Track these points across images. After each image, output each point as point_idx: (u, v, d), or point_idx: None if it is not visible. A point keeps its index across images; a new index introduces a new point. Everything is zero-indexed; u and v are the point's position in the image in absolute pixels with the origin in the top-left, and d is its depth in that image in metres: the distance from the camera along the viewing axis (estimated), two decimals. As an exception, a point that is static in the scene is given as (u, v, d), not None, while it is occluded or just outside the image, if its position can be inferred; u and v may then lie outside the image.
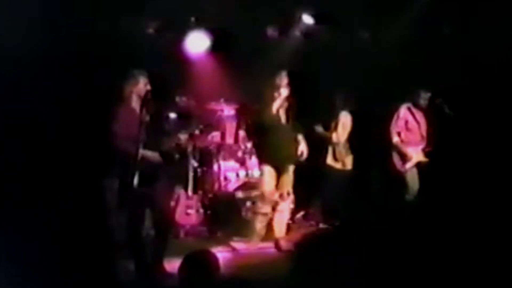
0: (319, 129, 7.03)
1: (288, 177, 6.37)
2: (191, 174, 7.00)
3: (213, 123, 7.48)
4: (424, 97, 6.88)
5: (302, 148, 6.35)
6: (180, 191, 6.94)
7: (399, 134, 6.97)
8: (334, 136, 7.15)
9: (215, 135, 7.48)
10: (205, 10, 7.13)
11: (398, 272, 2.98)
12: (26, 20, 6.12)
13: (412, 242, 3.30)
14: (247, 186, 7.29)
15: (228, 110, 7.44)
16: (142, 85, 5.47)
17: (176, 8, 7.18)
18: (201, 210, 6.94)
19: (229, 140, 7.45)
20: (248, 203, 7.14)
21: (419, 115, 6.98)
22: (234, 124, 7.48)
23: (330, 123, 7.18)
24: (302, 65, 7.11)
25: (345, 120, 7.17)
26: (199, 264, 3.16)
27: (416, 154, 6.90)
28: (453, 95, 6.85)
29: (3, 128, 6.05)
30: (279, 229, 6.44)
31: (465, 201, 6.68)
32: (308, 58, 7.33)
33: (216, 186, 7.29)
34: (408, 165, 6.91)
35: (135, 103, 5.46)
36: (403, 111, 6.98)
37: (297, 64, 6.96)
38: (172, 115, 6.92)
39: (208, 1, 7.10)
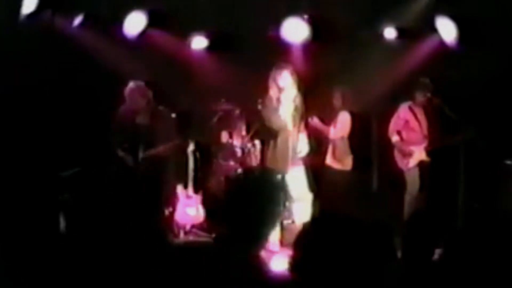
0: (315, 120, 7.01)
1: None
2: (191, 174, 7.01)
3: (227, 121, 7.49)
4: (424, 97, 6.87)
5: (302, 146, 6.41)
6: (180, 190, 6.95)
7: (399, 133, 6.97)
8: (331, 132, 7.14)
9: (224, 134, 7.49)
10: (205, 10, 7.15)
11: (396, 273, 2.98)
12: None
13: (412, 243, 3.29)
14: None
15: (237, 110, 7.45)
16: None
17: (176, 8, 7.22)
18: (201, 210, 6.94)
19: (237, 140, 7.45)
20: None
21: (420, 114, 6.97)
22: (242, 124, 7.49)
23: (329, 121, 7.19)
24: (302, 64, 7.12)
25: (343, 119, 7.16)
26: None
27: (418, 153, 6.90)
28: (453, 95, 6.85)
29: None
30: None
31: (465, 200, 6.71)
32: (308, 57, 7.33)
33: (217, 185, 7.29)
34: (410, 164, 6.91)
35: None
36: (403, 110, 6.98)
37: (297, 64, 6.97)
38: (172, 115, 6.94)
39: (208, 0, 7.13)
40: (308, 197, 6.52)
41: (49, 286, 4.47)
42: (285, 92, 6.37)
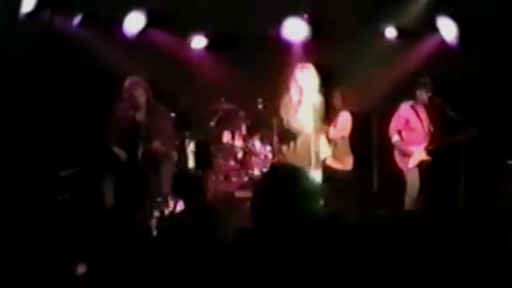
0: None
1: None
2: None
3: (228, 121, 7.48)
4: (425, 96, 6.85)
5: (324, 150, 6.39)
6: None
7: (399, 132, 6.96)
8: (331, 131, 7.13)
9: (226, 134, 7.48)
10: (205, 10, 7.15)
11: (396, 274, 2.97)
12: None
13: (412, 243, 3.28)
14: (247, 186, 7.28)
15: (237, 110, 7.43)
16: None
17: (176, 8, 7.22)
18: (201, 210, 6.94)
19: (238, 140, 7.43)
20: (248, 203, 7.11)
21: (421, 114, 6.95)
22: (242, 124, 7.48)
23: (330, 120, 7.18)
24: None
25: (343, 118, 7.14)
26: None
27: (418, 153, 6.88)
28: (454, 95, 6.84)
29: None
30: None
31: (465, 200, 6.70)
32: (309, 57, 7.32)
33: (216, 185, 7.28)
34: (410, 164, 6.89)
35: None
36: (404, 109, 6.96)
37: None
38: (172, 115, 6.94)
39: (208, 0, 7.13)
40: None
41: (49, 284, 4.46)
42: (306, 93, 6.28)
